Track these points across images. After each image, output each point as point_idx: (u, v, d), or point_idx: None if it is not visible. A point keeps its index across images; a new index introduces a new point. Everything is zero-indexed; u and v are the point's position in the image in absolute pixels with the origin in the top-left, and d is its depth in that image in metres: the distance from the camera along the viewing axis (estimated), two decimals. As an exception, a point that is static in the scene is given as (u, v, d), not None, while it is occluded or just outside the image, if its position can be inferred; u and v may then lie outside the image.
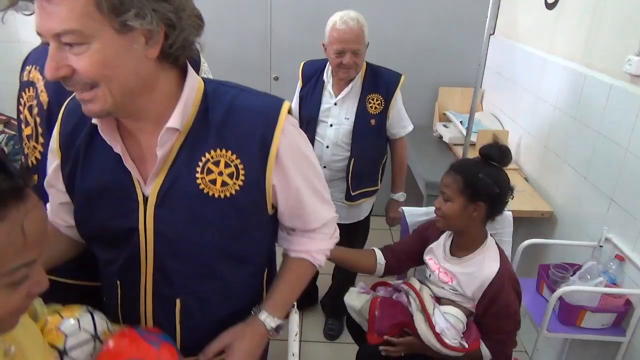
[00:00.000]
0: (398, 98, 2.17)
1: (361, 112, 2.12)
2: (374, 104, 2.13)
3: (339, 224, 1.18)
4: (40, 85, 1.25)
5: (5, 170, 0.57)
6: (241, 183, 0.91)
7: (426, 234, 1.76)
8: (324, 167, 2.15)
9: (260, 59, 3.29)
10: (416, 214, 1.89)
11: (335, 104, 2.15)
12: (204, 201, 0.90)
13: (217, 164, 0.89)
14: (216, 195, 0.90)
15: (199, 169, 0.89)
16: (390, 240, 3.42)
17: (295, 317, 1.17)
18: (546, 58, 2.47)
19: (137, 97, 0.84)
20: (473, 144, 2.63)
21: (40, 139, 1.28)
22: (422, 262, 1.72)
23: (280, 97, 0.97)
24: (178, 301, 0.97)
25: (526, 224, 2.47)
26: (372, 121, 2.14)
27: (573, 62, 2.24)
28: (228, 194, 0.90)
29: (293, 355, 1.08)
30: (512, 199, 1.57)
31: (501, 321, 1.50)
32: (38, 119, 1.26)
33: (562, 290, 1.71)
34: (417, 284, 1.64)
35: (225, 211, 0.91)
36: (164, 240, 0.92)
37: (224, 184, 0.90)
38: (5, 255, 0.57)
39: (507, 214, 1.82)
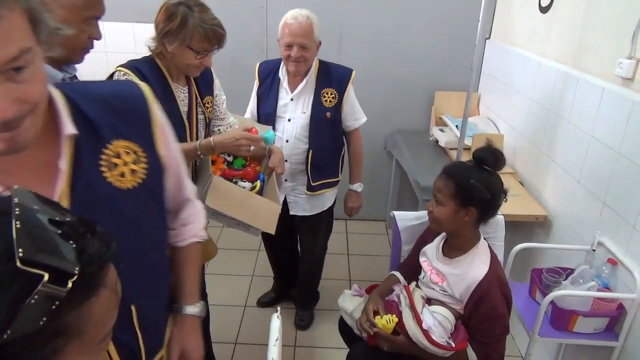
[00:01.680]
0: (351, 92, 2.28)
1: (317, 106, 2.21)
2: (329, 97, 2.23)
3: (303, 217, 1.17)
4: None
5: (99, 235, 0.55)
6: (145, 165, 0.90)
7: (423, 240, 1.77)
8: (286, 160, 2.22)
9: (257, 63, 3.30)
10: (407, 219, 1.89)
11: (292, 99, 2.23)
12: (122, 197, 0.86)
13: (118, 156, 0.86)
14: (130, 186, 0.87)
15: (104, 169, 0.84)
16: (387, 244, 3.42)
17: (276, 322, 1.17)
18: (540, 61, 2.47)
19: None
20: (468, 148, 2.62)
21: None
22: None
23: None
24: (133, 308, 0.93)
25: (521, 228, 2.46)
26: (328, 114, 2.24)
27: (566, 66, 2.24)
28: (140, 180, 0.89)
29: None
30: (505, 202, 1.56)
31: (488, 324, 1.49)
32: None
33: (554, 294, 1.70)
34: (412, 285, 1.66)
35: (144, 198, 0.91)
36: None
37: (133, 172, 0.88)
38: (107, 320, 0.57)
39: (499, 218, 1.82)
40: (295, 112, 2.23)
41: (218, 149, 1.67)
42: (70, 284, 0.49)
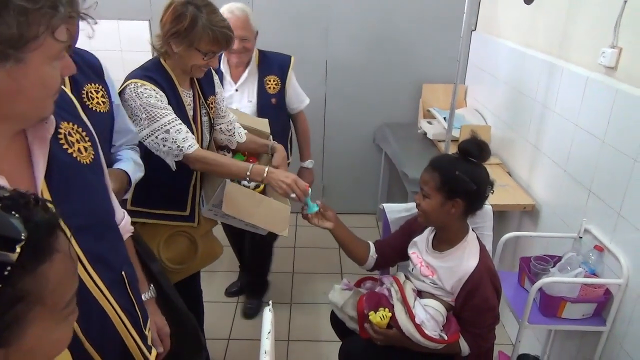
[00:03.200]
0: (292, 76, 2.39)
1: (262, 93, 2.31)
2: (272, 84, 2.34)
3: None
4: None
5: (41, 204, 0.57)
6: (90, 143, 0.94)
7: (412, 228, 1.78)
8: None
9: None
10: (396, 210, 1.90)
11: (237, 90, 2.32)
12: (86, 170, 0.91)
13: (70, 134, 0.90)
14: (88, 162, 0.92)
15: (65, 146, 0.88)
16: (378, 237, 3.43)
17: (269, 315, 1.18)
18: (525, 52, 2.49)
19: None
20: (456, 140, 2.64)
21: None
22: (407, 258, 1.74)
23: None
24: (124, 274, 0.99)
25: (509, 217, 2.49)
26: (273, 100, 2.34)
27: (551, 56, 2.26)
28: (92, 156, 0.94)
29: (265, 353, 1.09)
30: (492, 193, 1.58)
31: (479, 315, 1.51)
32: None
33: (542, 281, 1.73)
34: (402, 277, 1.67)
35: (99, 172, 0.97)
36: (80, 230, 0.85)
37: (85, 149, 0.93)
38: (65, 285, 0.58)
39: (487, 208, 1.84)
40: (241, 101, 2.32)
41: (266, 180, 1.66)
42: (18, 249, 0.51)
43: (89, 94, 1.30)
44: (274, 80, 2.33)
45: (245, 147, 2.00)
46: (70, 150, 0.88)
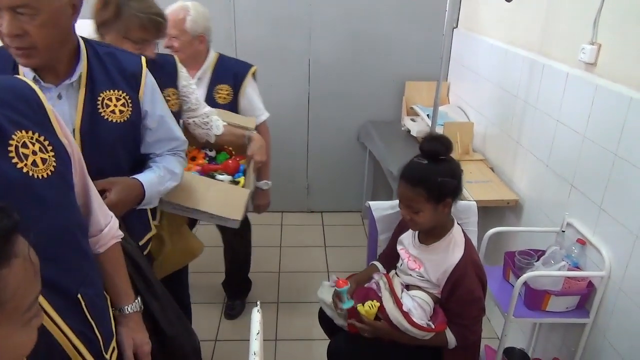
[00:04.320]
0: (248, 88, 2.23)
1: (208, 102, 2.14)
2: (222, 94, 2.20)
3: None
4: None
5: (1, 208, 0.57)
6: (53, 153, 0.89)
7: (399, 229, 1.79)
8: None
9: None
10: (382, 208, 1.90)
11: None
12: (42, 185, 0.85)
13: (25, 146, 0.84)
14: (46, 175, 0.86)
15: (15, 160, 0.82)
16: (364, 234, 3.44)
17: (257, 315, 1.17)
18: (507, 49, 2.51)
19: None
20: (439, 137, 2.66)
21: None
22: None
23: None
24: (80, 297, 0.92)
25: (493, 212, 2.51)
26: None
27: (532, 53, 2.29)
28: (53, 168, 0.87)
29: (254, 354, 1.08)
30: (462, 172, 1.58)
31: (464, 307, 1.53)
32: None
33: (527, 275, 1.75)
34: (391, 272, 1.69)
35: (62, 186, 0.91)
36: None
37: (43, 161, 0.86)
38: (25, 289, 0.58)
39: (472, 204, 1.86)
40: None
41: None
42: None
43: (105, 101, 1.24)
44: (225, 90, 2.20)
45: (223, 139, 1.96)
46: (20, 165, 0.82)
